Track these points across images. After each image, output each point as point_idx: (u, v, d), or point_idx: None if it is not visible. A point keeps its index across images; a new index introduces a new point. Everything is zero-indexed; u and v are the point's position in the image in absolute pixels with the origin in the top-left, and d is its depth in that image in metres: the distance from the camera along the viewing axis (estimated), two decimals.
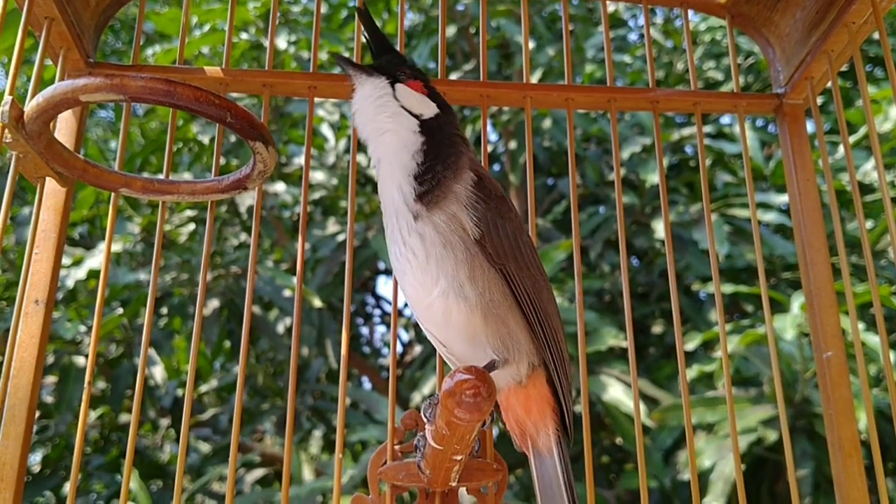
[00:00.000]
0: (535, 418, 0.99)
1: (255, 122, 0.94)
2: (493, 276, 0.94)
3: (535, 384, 0.98)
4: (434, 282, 0.95)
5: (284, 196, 3.53)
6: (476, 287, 0.93)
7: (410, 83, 1.07)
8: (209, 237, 1.13)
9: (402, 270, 0.99)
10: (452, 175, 0.98)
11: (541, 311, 0.96)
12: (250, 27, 3.58)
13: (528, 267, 0.97)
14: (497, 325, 0.94)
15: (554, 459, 0.98)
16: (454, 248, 0.94)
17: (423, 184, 0.97)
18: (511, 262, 0.95)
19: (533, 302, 0.95)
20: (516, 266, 0.95)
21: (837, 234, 1.14)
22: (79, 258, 3.18)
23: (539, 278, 0.98)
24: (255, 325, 3.42)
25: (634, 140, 3.55)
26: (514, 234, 0.97)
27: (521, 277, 0.95)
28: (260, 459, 3.61)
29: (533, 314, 0.95)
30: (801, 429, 2.67)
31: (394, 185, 0.99)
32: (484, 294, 0.93)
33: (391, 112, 1.04)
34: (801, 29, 1.23)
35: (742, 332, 2.83)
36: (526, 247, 0.98)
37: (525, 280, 0.95)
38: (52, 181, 1.04)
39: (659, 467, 2.81)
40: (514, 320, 0.94)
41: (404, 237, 0.97)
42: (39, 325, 1.05)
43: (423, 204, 0.96)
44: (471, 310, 0.93)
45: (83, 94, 0.89)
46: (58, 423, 3.15)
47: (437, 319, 0.97)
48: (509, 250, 0.95)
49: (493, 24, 3.80)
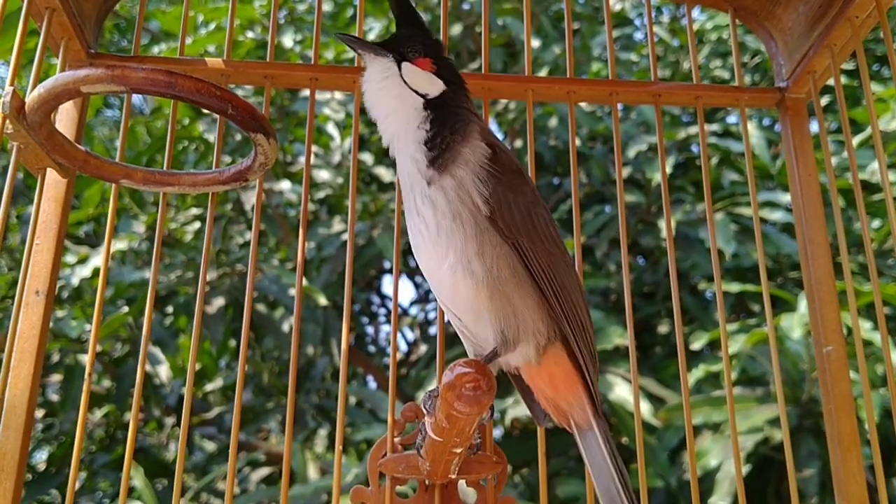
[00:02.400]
0: (565, 394, 0.98)
1: (256, 114, 0.94)
2: (504, 252, 0.93)
3: (556, 361, 0.97)
4: (444, 255, 0.95)
5: (289, 194, 3.53)
6: (484, 263, 0.93)
7: (419, 61, 1.06)
8: (209, 232, 1.13)
9: (417, 244, 0.99)
10: (461, 139, 0.98)
11: (557, 284, 0.94)
12: (256, 26, 3.59)
13: (542, 241, 0.96)
14: (502, 303, 0.93)
15: (595, 432, 0.97)
16: (464, 221, 0.94)
17: (433, 149, 0.97)
18: (524, 237, 0.94)
19: (548, 275, 0.94)
20: (529, 240, 0.94)
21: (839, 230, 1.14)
22: (84, 256, 3.18)
23: (556, 251, 0.97)
24: (260, 323, 3.42)
25: (640, 139, 3.54)
26: (527, 207, 0.96)
27: (536, 252, 0.94)
28: (265, 458, 3.61)
29: (549, 288, 0.94)
30: (807, 428, 2.65)
31: (407, 155, 1.00)
32: (492, 270, 0.93)
33: (396, 93, 1.03)
34: (804, 22, 1.23)
35: (749, 331, 2.82)
36: (541, 220, 0.97)
37: (539, 254, 0.95)
38: (53, 172, 1.04)
39: (665, 467, 2.80)
40: (520, 298, 0.93)
41: (418, 206, 0.97)
42: (40, 316, 1.05)
43: (434, 168, 0.96)
44: (477, 286, 0.93)
45: (84, 86, 0.89)
46: (63, 421, 3.16)
47: (447, 293, 0.97)
48: (521, 225, 0.95)
49: (499, 22, 3.80)
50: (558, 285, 0.94)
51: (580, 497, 2.80)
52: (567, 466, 3.19)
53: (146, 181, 1.06)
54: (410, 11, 1.10)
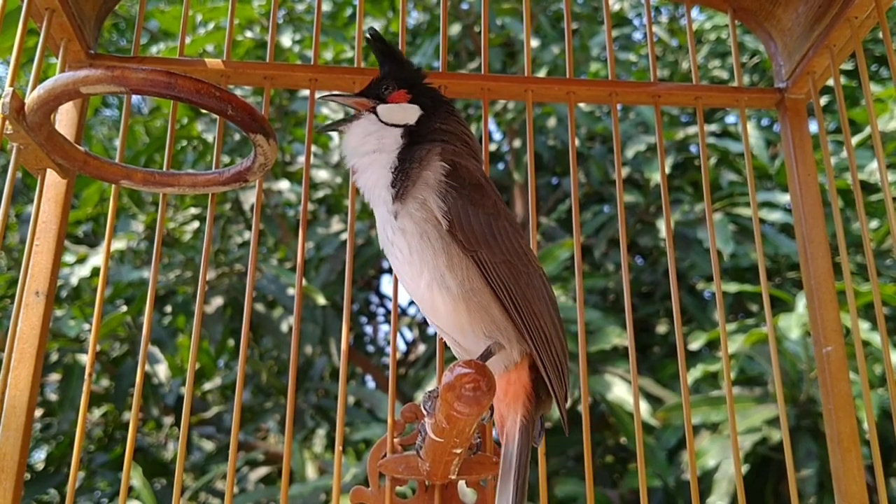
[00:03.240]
0: (508, 402, 0.98)
1: (255, 115, 0.94)
2: (470, 265, 0.94)
3: (517, 369, 0.97)
4: (419, 274, 0.96)
5: (288, 194, 3.53)
6: (456, 276, 0.94)
7: (393, 97, 1.08)
8: (209, 232, 1.13)
9: (397, 270, 1.02)
10: (419, 166, 1.00)
11: (517, 296, 0.94)
12: (255, 26, 3.58)
13: (503, 253, 0.96)
14: (481, 314, 0.94)
15: (513, 445, 0.95)
16: (430, 237, 0.95)
17: (396, 185, 1.00)
18: (483, 249, 0.95)
19: (507, 288, 0.94)
20: (489, 252, 0.95)
21: (838, 229, 1.14)
22: (83, 256, 3.18)
23: (517, 264, 0.97)
24: (258, 323, 3.42)
25: (639, 139, 3.55)
26: (487, 220, 0.97)
27: (494, 264, 0.94)
28: (264, 457, 3.61)
29: (509, 300, 0.94)
30: (805, 428, 2.66)
31: (380, 200, 1.02)
32: (464, 283, 0.94)
33: (372, 146, 1.06)
34: (804, 23, 1.23)
35: (747, 331, 2.82)
36: (502, 233, 0.97)
37: (499, 266, 0.95)
38: (52, 173, 1.04)
39: (663, 466, 2.81)
40: (497, 307, 0.94)
41: (392, 238, 0.99)
42: (40, 316, 1.05)
43: (399, 201, 0.98)
44: (454, 300, 0.94)
45: (84, 86, 0.89)
46: (61, 420, 3.16)
47: (429, 310, 0.98)
48: (481, 237, 0.95)
49: (497, 22, 3.80)
50: (518, 297, 0.94)
51: (579, 497, 2.80)
52: (566, 466, 3.19)
53: (146, 182, 1.06)
54: (386, 49, 1.12)
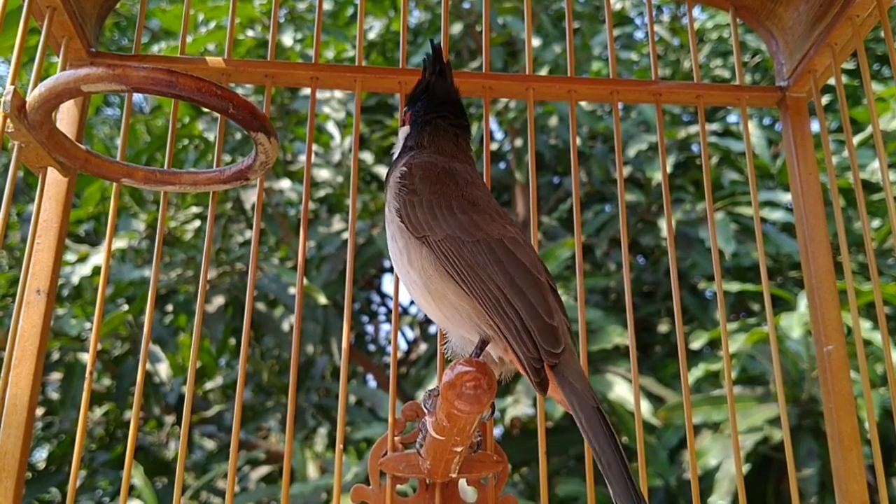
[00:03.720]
0: (552, 394, 0.96)
1: (256, 113, 0.94)
2: (426, 252, 0.95)
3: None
4: (402, 276, 0.99)
5: (289, 193, 3.53)
6: (415, 268, 0.95)
7: (406, 117, 1.14)
8: (210, 231, 1.13)
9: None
10: (391, 174, 1.05)
11: (462, 269, 0.92)
12: (256, 24, 3.59)
13: (443, 230, 0.95)
14: (441, 301, 0.94)
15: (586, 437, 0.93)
16: (395, 237, 0.99)
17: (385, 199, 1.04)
18: (428, 232, 0.95)
19: (451, 262, 0.93)
20: (433, 234, 0.95)
21: (840, 228, 1.14)
22: (84, 255, 3.18)
23: (461, 236, 0.95)
24: (259, 322, 3.43)
25: (640, 138, 3.54)
26: (429, 203, 0.97)
27: (437, 242, 0.94)
28: (265, 457, 3.62)
29: (456, 275, 0.92)
30: (807, 427, 2.66)
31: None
32: (422, 273, 0.95)
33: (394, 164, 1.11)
34: (805, 21, 1.23)
35: (748, 330, 2.82)
36: (447, 211, 0.97)
37: (441, 244, 0.94)
38: (53, 171, 1.04)
39: (665, 466, 2.81)
40: (452, 292, 0.93)
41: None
42: (41, 315, 1.05)
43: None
44: (421, 293, 0.96)
45: (85, 84, 0.89)
46: (63, 419, 3.16)
47: (421, 308, 1.00)
48: (423, 220, 0.96)
49: (499, 21, 3.80)
50: (463, 269, 0.92)
51: (580, 496, 2.80)
52: (567, 466, 3.19)
53: (147, 180, 1.06)
54: (430, 63, 1.15)
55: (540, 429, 1.11)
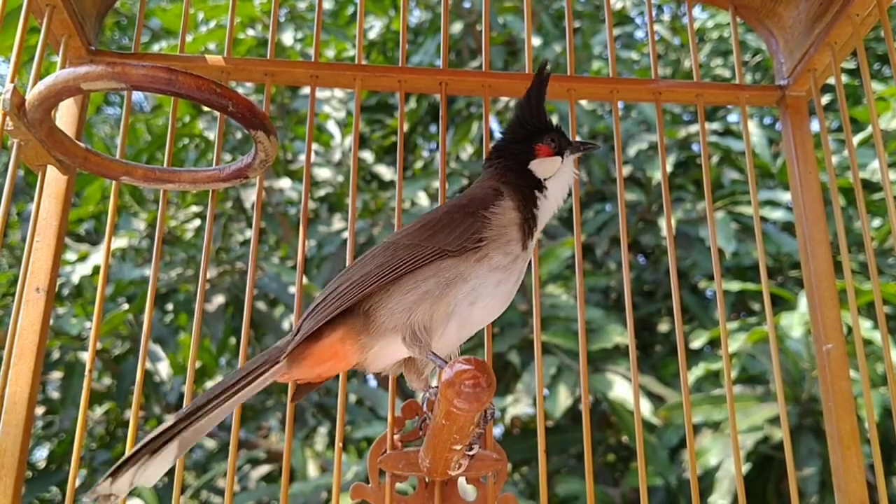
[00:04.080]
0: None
1: (256, 111, 0.94)
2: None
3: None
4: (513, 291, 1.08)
5: (290, 192, 3.53)
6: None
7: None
8: (210, 230, 1.13)
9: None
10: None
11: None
12: (256, 24, 3.58)
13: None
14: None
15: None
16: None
17: None
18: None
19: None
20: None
21: (839, 228, 1.14)
22: (84, 254, 3.18)
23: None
24: (260, 321, 3.42)
25: (641, 137, 3.54)
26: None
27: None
28: (265, 456, 3.61)
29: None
30: (807, 427, 2.65)
31: None
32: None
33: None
34: (805, 20, 1.23)
35: (748, 329, 2.82)
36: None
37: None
38: (53, 169, 1.04)
39: (665, 465, 2.81)
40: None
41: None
42: (40, 313, 1.05)
43: None
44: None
45: (85, 83, 0.89)
46: (63, 418, 3.16)
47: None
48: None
49: (499, 20, 3.80)
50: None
51: (580, 496, 2.80)
52: (567, 465, 3.19)
53: (147, 178, 1.06)
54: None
55: (540, 428, 1.11)
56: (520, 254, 1.03)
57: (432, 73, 1.27)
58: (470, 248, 1.00)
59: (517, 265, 1.03)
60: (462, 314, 1.00)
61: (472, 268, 1.00)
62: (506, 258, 1.02)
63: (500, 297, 1.02)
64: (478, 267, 1.00)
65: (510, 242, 1.02)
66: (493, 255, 1.01)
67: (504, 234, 1.02)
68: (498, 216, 1.03)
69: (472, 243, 1.00)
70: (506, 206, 1.05)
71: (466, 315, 1.00)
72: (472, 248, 1.00)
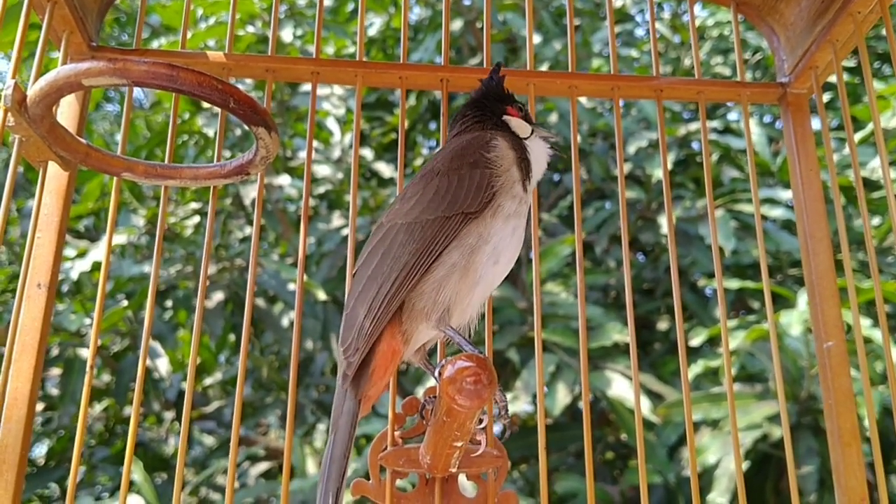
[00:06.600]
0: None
1: (257, 108, 0.94)
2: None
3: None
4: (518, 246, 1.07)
5: (289, 189, 3.53)
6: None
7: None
8: (210, 226, 1.13)
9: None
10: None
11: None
12: (256, 20, 3.58)
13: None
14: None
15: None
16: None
17: None
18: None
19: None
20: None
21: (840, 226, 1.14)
22: (83, 250, 3.18)
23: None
24: (259, 318, 3.42)
25: (641, 135, 3.54)
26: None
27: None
28: (265, 453, 3.61)
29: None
30: (806, 425, 2.66)
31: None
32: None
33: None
34: (806, 17, 1.23)
35: (748, 327, 2.82)
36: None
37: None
38: (54, 166, 1.04)
39: (664, 463, 2.81)
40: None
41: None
42: (41, 309, 1.05)
43: None
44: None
45: (86, 79, 0.89)
46: (62, 415, 3.16)
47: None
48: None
49: (499, 17, 3.80)
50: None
51: (579, 493, 2.80)
52: (566, 462, 3.19)
53: (148, 174, 1.06)
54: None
55: (540, 425, 1.11)
56: (523, 196, 1.02)
57: (434, 70, 1.27)
58: (486, 201, 0.98)
59: (523, 208, 1.02)
60: (487, 278, 0.99)
61: (489, 225, 0.98)
62: (514, 202, 1.01)
63: (515, 244, 1.01)
64: (494, 222, 0.98)
65: (514, 184, 1.01)
66: (504, 203, 0.99)
67: (510, 176, 1.01)
68: (500, 158, 1.02)
69: (488, 196, 0.98)
70: (502, 146, 1.04)
71: (491, 277, 0.99)
72: (488, 202, 0.98)
